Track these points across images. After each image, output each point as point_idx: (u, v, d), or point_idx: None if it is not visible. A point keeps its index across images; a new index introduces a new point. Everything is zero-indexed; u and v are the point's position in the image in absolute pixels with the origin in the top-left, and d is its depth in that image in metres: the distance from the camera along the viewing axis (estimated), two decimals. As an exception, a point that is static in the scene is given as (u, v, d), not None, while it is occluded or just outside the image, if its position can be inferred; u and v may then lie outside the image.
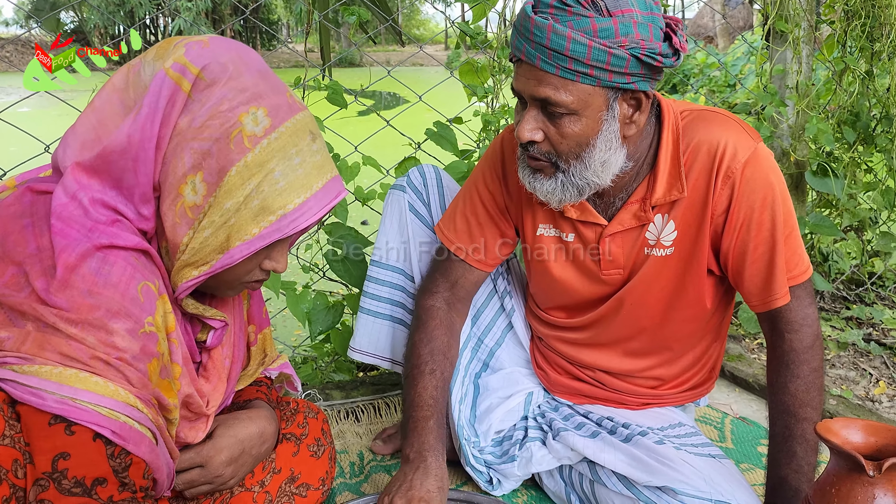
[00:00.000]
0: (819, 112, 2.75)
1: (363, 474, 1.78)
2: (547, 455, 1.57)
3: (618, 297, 1.50)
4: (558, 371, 1.69)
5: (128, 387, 0.99)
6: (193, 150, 1.03)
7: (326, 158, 1.12)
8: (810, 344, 1.38)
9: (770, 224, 1.35)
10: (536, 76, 1.25)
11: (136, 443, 1.00)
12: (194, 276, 1.08)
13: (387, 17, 2.42)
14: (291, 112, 1.08)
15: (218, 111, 1.03)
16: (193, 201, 1.04)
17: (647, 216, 1.42)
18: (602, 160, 1.31)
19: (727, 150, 1.35)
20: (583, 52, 1.20)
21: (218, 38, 1.10)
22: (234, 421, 1.27)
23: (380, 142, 2.33)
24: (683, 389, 1.64)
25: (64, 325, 0.94)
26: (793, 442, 1.37)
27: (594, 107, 1.26)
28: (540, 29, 1.21)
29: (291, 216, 1.06)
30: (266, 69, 1.11)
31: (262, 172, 1.04)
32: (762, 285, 1.38)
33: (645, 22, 1.22)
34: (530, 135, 1.29)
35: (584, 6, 1.20)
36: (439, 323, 1.58)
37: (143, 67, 1.07)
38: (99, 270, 0.98)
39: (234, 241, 1.05)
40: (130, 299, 0.99)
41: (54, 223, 0.99)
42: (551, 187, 1.35)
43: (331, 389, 2.18)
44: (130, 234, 1.04)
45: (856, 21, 2.65)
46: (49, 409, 0.93)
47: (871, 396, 2.27)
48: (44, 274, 0.96)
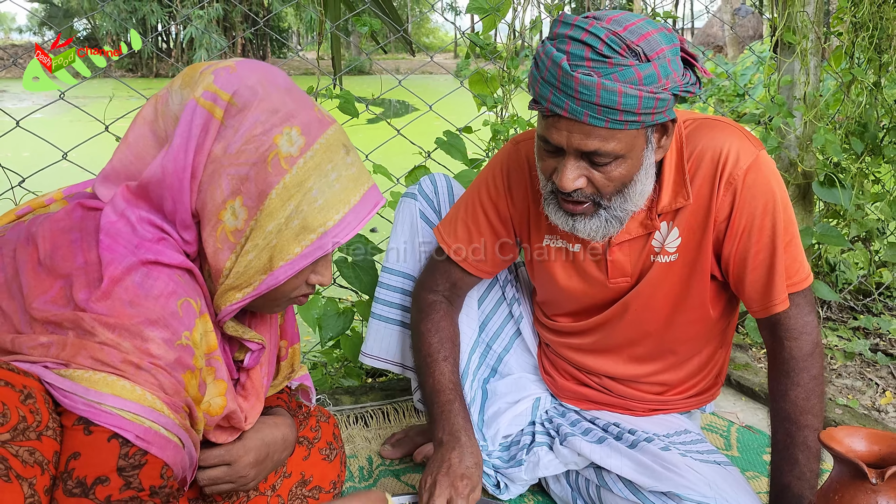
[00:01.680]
0: (827, 123, 2.77)
1: (372, 478, 1.80)
2: (554, 460, 1.59)
3: (623, 303, 1.52)
4: (565, 377, 1.71)
5: (158, 392, 0.99)
6: (231, 175, 1.04)
7: (361, 170, 1.13)
8: (810, 351, 1.40)
9: (771, 230, 1.37)
10: (583, 130, 1.23)
11: (160, 447, 1.00)
12: (238, 300, 1.09)
13: (398, 28, 2.45)
14: (323, 127, 1.10)
15: (252, 136, 1.04)
16: (234, 226, 1.05)
17: (654, 224, 1.44)
18: (641, 191, 1.34)
19: (730, 157, 1.37)
20: (634, 103, 1.19)
21: (243, 62, 1.11)
22: (261, 424, 1.29)
23: (390, 150, 2.36)
24: (689, 395, 1.66)
25: (101, 329, 0.96)
26: (795, 449, 1.38)
27: (638, 146, 1.28)
28: (587, 88, 1.18)
29: (332, 232, 1.07)
30: (292, 85, 1.12)
31: (300, 192, 1.05)
32: (762, 291, 1.40)
33: (673, 57, 1.23)
34: (576, 184, 1.29)
35: (622, 55, 1.18)
36: (444, 315, 1.62)
37: (170, 97, 1.09)
38: (142, 284, 0.99)
39: (278, 262, 1.06)
40: (170, 313, 1.00)
41: (102, 239, 1.01)
42: (595, 226, 1.35)
43: (340, 395, 2.21)
44: (175, 252, 1.06)
45: (864, 32, 2.67)
46: (77, 411, 0.95)
47: (877, 406, 2.27)
48: (88, 286, 0.98)
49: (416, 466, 1.85)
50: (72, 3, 32.20)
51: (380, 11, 2.48)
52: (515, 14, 2.35)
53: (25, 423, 0.92)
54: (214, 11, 27.80)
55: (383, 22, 2.51)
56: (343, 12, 2.55)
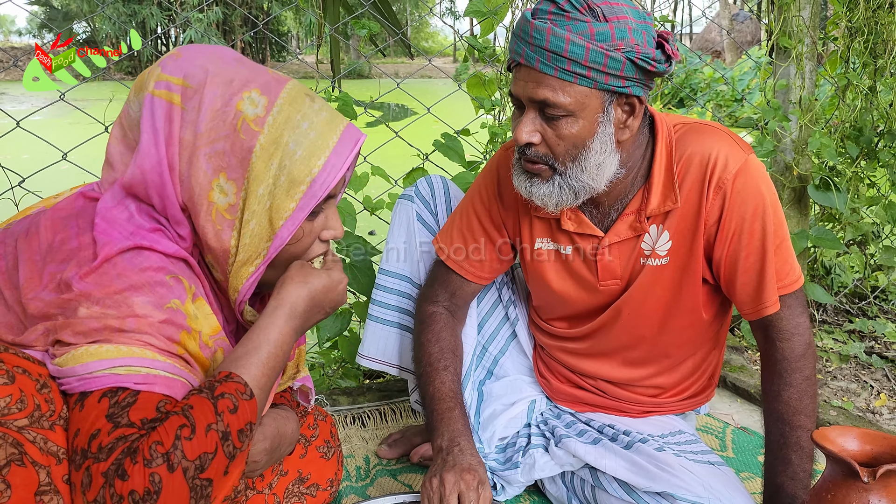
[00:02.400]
0: (822, 127, 2.78)
1: (369, 478, 1.81)
2: (550, 461, 1.60)
3: (615, 307, 1.53)
4: (560, 380, 1.72)
5: (146, 347, 0.98)
6: (208, 155, 1.05)
7: (332, 113, 1.14)
8: (802, 352, 1.41)
9: (761, 233, 1.39)
10: (535, 78, 1.29)
11: (164, 385, 0.98)
12: (251, 273, 1.10)
13: (396, 31, 2.46)
14: (281, 84, 1.11)
15: (215, 110, 1.05)
16: (227, 202, 1.07)
17: (643, 227, 1.45)
18: (597, 163, 1.35)
19: (718, 161, 1.38)
20: (581, 53, 1.24)
21: (187, 47, 1.13)
22: (276, 414, 1.29)
23: (388, 153, 2.37)
24: (683, 398, 1.67)
25: (87, 304, 0.97)
26: (788, 450, 1.39)
27: (591, 108, 1.30)
28: (539, 32, 1.26)
29: (320, 178, 1.09)
30: (240, 56, 1.13)
31: (279, 149, 1.06)
32: (753, 294, 1.41)
33: (639, 29, 1.27)
34: (528, 136, 1.33)
35: (580, 11, 1.25)
36: (444, 325, 1.62)
37: (129, 107, 1.10)
38: (132, 259, 1.00)
39: (278, 222, 1.08)
40: (156, 281, 1.01)
41: (98, 223, 1.02)
42: (548, 190, 1.38)
43: (337, 395, 2.21)
44: (170, 242, 1.07)
45: (859, 37, 2.69)
46: (75, 390, 0.96)
47: (871, 408, 2.29)
48: (78, 264, 0.99)
49: (413, 466, 1.86)
50: (71, 6, 32.27)
51: (378, 15, 2.50)
52: (514, 17, 2.36)
53: (40, 412, 0.93)
54: (214, 15, 27.84)
55: (382, 25, 2.52)
56: (342, 15, 2.56)
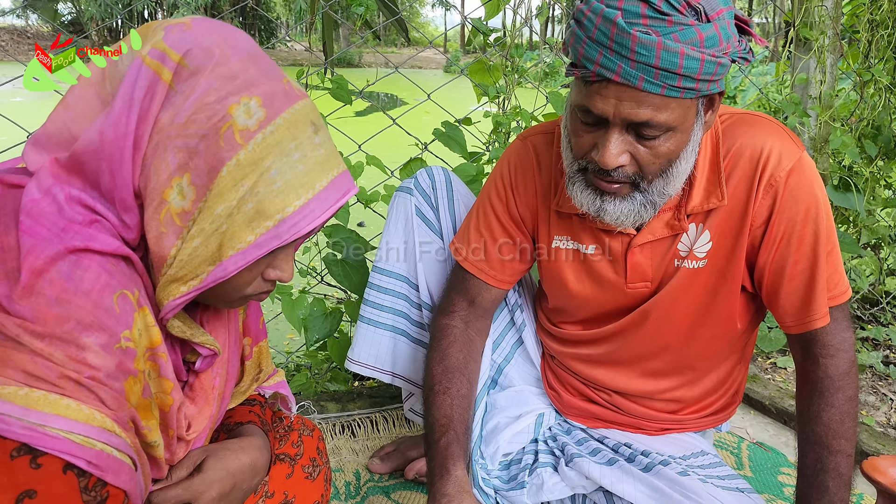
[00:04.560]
0: (841, 124, 2.66)
1: (359, 495, 1.66)
2: (559, 483, 1.46)
3: (642, 311, 1.39)
4: (571, 392, 1.58)
5: (103, 409, 0.86)
6: (178, 148, 0.90)
7: (331, 152, 0.99)
8: (847, 370, 1.28)
9: (812, 238, 1.25)
10: (635, 98, 1.10)
11: (115, 472, 0.87)
12: (182, 293, 0.95)
13: (395, 10, 2.31)
14: (289, 101, 0.95)
15: (204, 103, 0.90)
16: (181, 207, 0.91)
17: (682, 225, 1.31)
18: (683, 171, 1.21)
19: (771, 157, 1.24)
20: (695, 67, 1.07)
21: (201, 20, 0.97)
22: (224, 452, 1.15)
23: (381, 143, 2.22)
24: (705, 415, 1.53)
25: (28, 338, 0.82)
26: (825, 476, 1.26)
27: (689, 119, 1.15)
28: (646, 47, 1.05)
29: (291, 220, 0.93)
30: (257, 51, 0.98)
31: (256, 172, 0.91)
32: (800, 305, 1.28)
33: (730, 19, 1.11)
34: (619, 160, 1.15)
35: (681, 13, 1.05)
36: (453, 341, 1.47)
37: (121, 57, 0.95)
38: (70, 276, 0.85)
39: (228, 251, 0.92)
40: (104, 310, 0.86)
41: (23, 220, 0.86)
42: (628, 209, 1.22)
43: (326, 401, 2.07)
44: (109, 236, 0.91)
45: (881, 31, 2.56)
46: (14, 436, 0.80)
47: (892, 423, 2.16)
48: (6, 277, 0.84)
49: (408, 483, 1.71)
50: (57, -13, 31.78)
51: (375, -5, 2.34)
52: (521, 0, 2.22)
53: None
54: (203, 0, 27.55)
55: (378, 6, 2.37)
56: (336, -6, 2.41)
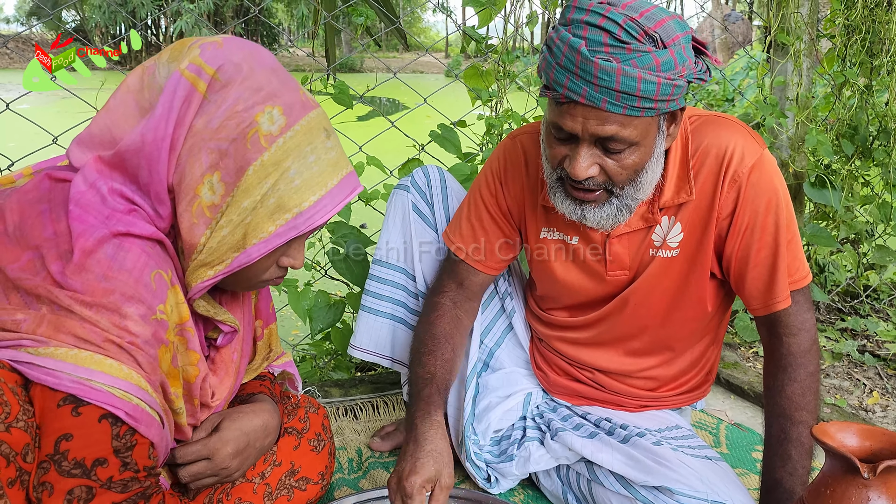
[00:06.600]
0: (819, 124, 2.78)
1: (361, 470, 1.79)
2: (545, 455, 1.59)
3: (622, 297, 1.52)
4: (557, 372, 1.71)
5: (140, 370, 1.01)
6: (211, 150, 1.05)
7: (341, 155, 1.15)
8: (808, 348, 1.41)
9: (774, 228, 1.38)
10: (599, 117, 1.22)
11: (147, 424, 1.02)
12: (210, 276, 1.10)
13: (393, 20, 2.44)
14: (305, 110, 1.11)
15: (234, 111, 1.05)
16: (211, 201, 1.06)
17: (655, 218, 1.44)
18: (651, 178, 1.34)
19: (735, 155, 1.37)
20: (653, 90, 1.19)
21: (231, 39, 1.12)
22: (238, 414, 1.29)
23: (381, 147, 2.35)
24: (680, 392, 1.65)
25: (79, 307, 0.96)
26: (788, 445, 1.38)
27: (651, 134, 1.28)
28: (606, 73, 1.17)
29: (307, 213, 1.09)
30: (278, 66, 1.13)
31: (278, 171, 1.06)
32: (764, 289, 1.40)
33: (687, 44, 1.22)
34: (588, 172, 1.28)
35: (639, 41, 1.17)
36: (441, 315, 1.60)
37: (157, 69, 1.09)
38: (114, 256, 1.00)
39: (251, 240, 1.08)
40: (143, 285, 1.01)
41: (72, 209, 1.01)
42: (606, 214, 1.35)
43: (329, 387, 2.19)
44: (146, 223, 1.06)
45: (856, 35, 2.69)
46: (64, 388, 0.94)
47: (864, 406, 2.29)
48: (60, 258, 0.98)
49: (406, 459, 1.84)
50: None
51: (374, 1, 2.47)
52: (511, 8, 2.35)
53: None
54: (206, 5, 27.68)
55: (377, 14, 2.50)
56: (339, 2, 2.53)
